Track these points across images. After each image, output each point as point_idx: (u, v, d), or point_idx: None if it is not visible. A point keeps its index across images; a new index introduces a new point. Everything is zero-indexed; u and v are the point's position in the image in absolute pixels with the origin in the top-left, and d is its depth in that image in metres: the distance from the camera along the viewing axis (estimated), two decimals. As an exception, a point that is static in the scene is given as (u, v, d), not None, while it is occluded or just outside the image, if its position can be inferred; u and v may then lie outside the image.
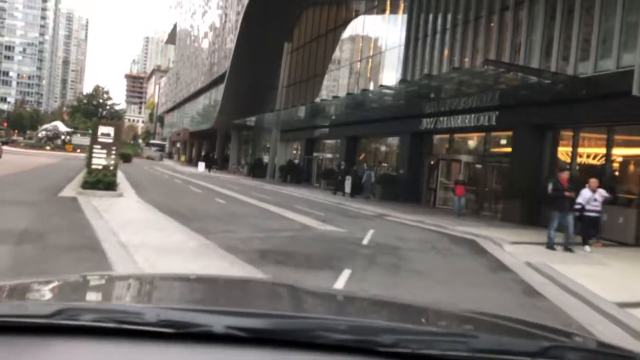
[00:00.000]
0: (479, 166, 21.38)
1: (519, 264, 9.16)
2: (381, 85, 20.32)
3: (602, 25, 15.56)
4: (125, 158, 56.26)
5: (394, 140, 27.88)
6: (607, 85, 14.75)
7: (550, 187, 11.11)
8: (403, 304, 2.01)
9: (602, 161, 15.96)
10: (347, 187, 27.18)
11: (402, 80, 21.18)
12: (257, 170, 43.20)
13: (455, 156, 22.23)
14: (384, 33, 28.69)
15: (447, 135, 23.56)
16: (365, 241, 10.18)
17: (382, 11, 29.59)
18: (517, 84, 16.80)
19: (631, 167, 15.79)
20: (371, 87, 26.91)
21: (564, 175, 11.27)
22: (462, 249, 10.75)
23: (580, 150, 16.91)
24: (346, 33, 33.86)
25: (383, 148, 29.66)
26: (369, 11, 31.00)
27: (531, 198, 16.70)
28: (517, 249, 11.01)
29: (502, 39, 19.55)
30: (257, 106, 42.21)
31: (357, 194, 25.17)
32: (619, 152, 15.72)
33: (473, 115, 20.45)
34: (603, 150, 15.90)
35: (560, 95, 16.14)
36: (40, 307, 1.20)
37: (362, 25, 31.43)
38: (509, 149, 19.38)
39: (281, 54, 42.80)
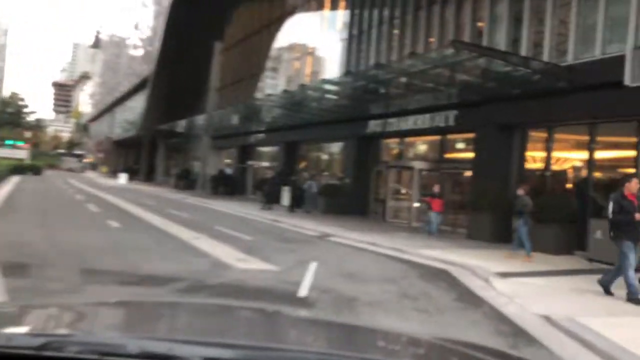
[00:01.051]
0: (434, 174, 18.60)
1: (533, 320, 6.11)
2: (323, 80, 17.24)
3: (582, 5, 13.14)
4: (34, 170, 50.49)
5: (338, 146, 24.81)
6: (592, 75, 12.28)
7: (610, 206, 7.37)
8: (383, 332, 2.00)
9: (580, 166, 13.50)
10: (286, 200, 23.87)
11: (348, 73, 18.15)
12: (185, 181, 38.97)
13: (407, 163, 19.38)
14: (324, 26, 25.65)
15: (397, 140, 20.71)
16: (303, 290, 6.82)
17: (321, 3, 26.59)
18: (479, 74, 14.06)
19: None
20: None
21: (634, 186, 7.52)
22: (440, 291, 7.62)
23: (556, 153, 14.40)
24: (282, 28, 30.60)
25: (326, 155, 26.53)
26: (306, 4, 27.93)
27: (500, 211, 13.97)
28: (514, 287, 8.03)
29: (460, 25, 16.93)
30: (187, 112, 38.05)
31: (297, 207, 21.85)
32: (604, 155, 13.29)
33: (428, 116, 17.67)
34: (584, 154, 13.42)
35: (533, 88, 13.55)
36: (28, 339, 1.26)
37: (300, 19, 28.30)
38: (470, 154, 16.71)
39: (212, 54, 39.08)
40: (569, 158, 14.35)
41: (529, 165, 15.22)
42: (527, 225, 11.38)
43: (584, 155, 13.40)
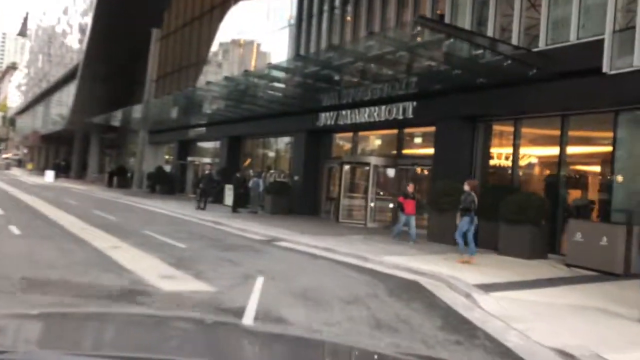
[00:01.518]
0: (390, 170, 17.24)
1: None
2: (269, 65, 15.46)
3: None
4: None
5: (286, 141, 23.09)
6: (566, 62, 11.21)
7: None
8: (331, 344, 1.98)
9: (554, 163, 12.47)
10: (229, 199, 21.92)
11: (298, 57, 16.46)
12: (120, 179, 36.05)
13: (362, 159, 17.92)
14: (271, 11, 23.81)
15: (350, 134, 19.23)
16: (247, 315, 5.13)
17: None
18: (442, 59, 12.74)
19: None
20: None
21: None
22: (420, 315, 6.09)
23: (524, 149, 13.32)
24: (226, 14, 28.47)
25: (273, 151, 24.73)
26: (251, -12, 26.01)
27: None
28: (503, 305, 6.64)
29: (419, 8, 15.61)
30: (123, 104, 35.15)
31: (241, 207, 19.97)
32: (577, 150, 12.29)
33: (384, 107, 16.27)
34: (555, 150, 12.37)
35: (500, 77, 12.38)
36: None
37: (245, 4, 26.32)
38: (430, 150, 15.46)
39: (149, 42, 36.34)
40: (539, 154, 13.32)
41: (495, 161, 14.11)
42: (473, 224, 10.17)
43: (555, 150, 12.35)
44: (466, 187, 10.59)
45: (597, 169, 12.29)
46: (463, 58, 12.47)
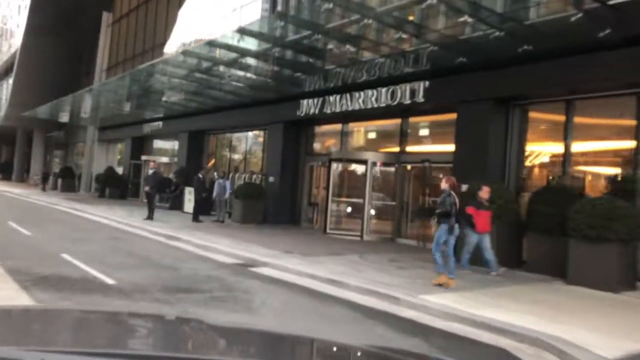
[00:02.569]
0: (390, 170, 13.95)
1: None
2: (240, 30, 11.85)
3: None
4: None
5: (259, 136, 19.49)
6: None
7: None
8: (325, 342, 1.94)
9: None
10: (189, 205, 18.25)
11: (278, 14, 12.94)
12: (65, 181, 31.60)
13: (357, 155, 14.52)
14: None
15: (339, 125, 15.82)
16: None
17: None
18: (473, 15, 9.54)
19: None
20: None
21: None
22: None
23: (580, 140, 10.21)
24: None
25: (243, 147, 21.03)
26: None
27: (511, 222, 9.52)
28: None
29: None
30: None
31: (204, 214, 16.32)
32: None
33: (385, 90, 12.97)
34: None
35: (556, 41, 9.25)
36: None
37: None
38: (444, 144, 12.25)
39: (99, 26, 32.15)
40: (602, 147, 10.23)
41: (535, 156, 11.00)
42: (453, 234, 7.57)
43: (628, 142, 9.29)
44: (444, 185, 7.96)
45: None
46: (505, 16, 9.29)
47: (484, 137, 10.89)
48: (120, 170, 28.74)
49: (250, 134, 19.82)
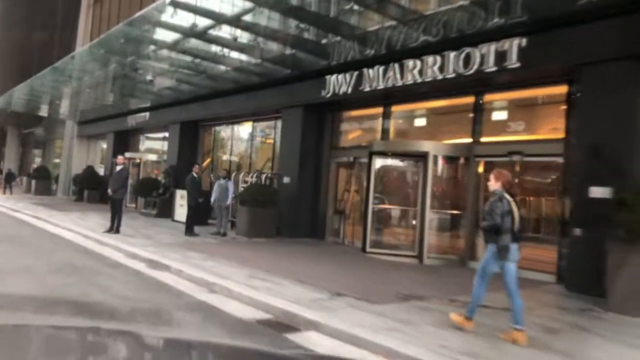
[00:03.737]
0: (457, 166, 10.26)
1: None
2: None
3: None
4: None
5: (270, 125, 15.69)
6: None
7: None
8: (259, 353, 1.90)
9: None
10: (181, 213, 14.57)
11: None
12: (40, 183, 27.67)
13: (409, 146, 10.72)
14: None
15: (378, 109, 12.06)
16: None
17: None
18: None
19: None
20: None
21: None
22: None
23: None
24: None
25: (249, 140, 17.17)
26: None
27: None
28: None
29: None
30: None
31: (200, 224, 12.59)
32: None
33: (454, 55, 9.32)
34: None
35: None
36: None
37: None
38: (547, 129, 8.62)
39: (78, 8, 28.33)
40: None
41: None
42: (509, 258, 4.96)
43: None
44: (494, 185, 5.16)
45: None
46: None
47: (627, 116, 7.25)
48: (102, 170, 24.91)
49: (258, 124, 16.02)
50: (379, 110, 11.88)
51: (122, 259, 8.75)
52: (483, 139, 9.76)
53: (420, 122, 11.68)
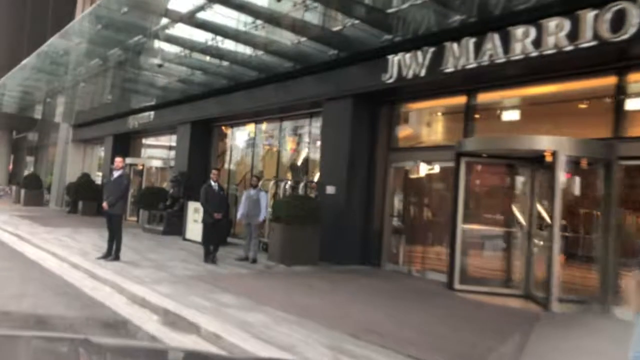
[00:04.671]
0: (588, 171, 7.49)
1: None
2: None
3: None
4: None
5: (303, 124, 12.86)
6: None
7: None
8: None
9: None
10: (193, 230, 11.88)
11: None
12: (30, 193, 24.84)
13: (522, 144, 7.80)
14: None
15: (461, 98, 9.25)
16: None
17: None
18: None
19: None
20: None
21: None
22: None
23: None
24: None
25: (277, 141, 14.20)
26: None
27: None
28: None
29: None
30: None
31: (216, 244, 9.77)
32: None
33: (593, 15, 6.59)
34: None
35: None
36: None
37: None
38: None
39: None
40: None
41: None
42: None
43: None
44: None
45: None
46: None
47: None
48: (100, 178, 22.12)
49: (288, 122, 13.24)
50: (460, 99, 9.11)
51: (124, 308, 5.95)
52: (631, 133, 7.00)
53: (526, 113, 8.86)
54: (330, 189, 10.30)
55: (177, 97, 15.76)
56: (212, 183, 9.83)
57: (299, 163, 12.30)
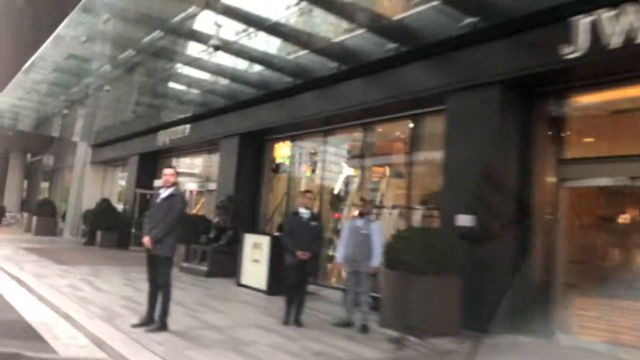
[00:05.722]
0: None
1: None
2: None
3: None
4: None
5: (402, 128, 9.54)
6: None
7: None
8: None
9: None
10: (252, 271, 8.70)
11: None
12: (43, 220, 21.89)
13: None
14: None
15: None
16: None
17: None
18: None
19: None
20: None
21: None
22: None
23: None
24: None
25: (357, 156, 10.74)
26: None
27: None
28: None
29: None
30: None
31: (291, 290, 6.53)
32: None
33: None
34: None
35: None
36: None
37: None
38: None
39: None
40: None
41: None
42: None
43: None
44: None
45: None
46: None
47: None
48: (121, 206, 19.11)
49: (381, 125, 10.01)
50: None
51: None
52: None
53: None
54: (464, 219, 7.04)
55: (222, 105, 12.78)
56: (302, 211, 6.65)
57: (406, 183, 9.00)
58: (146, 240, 5.67)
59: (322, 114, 10.21)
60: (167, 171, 5.94)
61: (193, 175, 16.55)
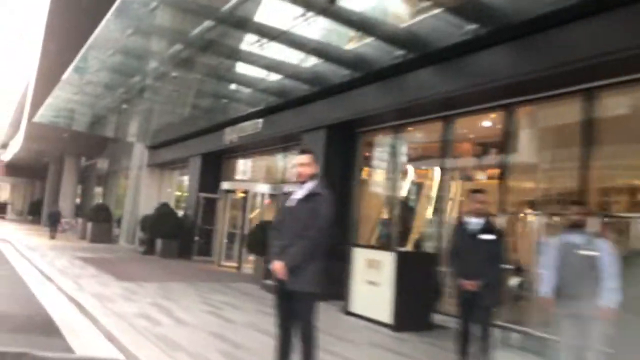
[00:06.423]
0: None
1: None
2: None
3: None
4: None
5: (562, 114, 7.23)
6: None
7: None
8: None
9: None
10: (363, 299, 6.54)
11: None
12: (98, 227, 20.59)
13: None
14: None
15: None
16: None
17: None
18: None
19: None
20: None
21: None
22: None
23: None
24: None
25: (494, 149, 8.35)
26: None
27: None
28: None
29: None
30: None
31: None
32: None
33: None
34: None
35: None
36: None
37: None
38: None
39: None
40: None
41: None
42: None
43: None
44: None
45: None
46: None
47: None
48: (181, 211, 17.47)
49: (526, 108, 7.77)
50: None
51: None
52: None
53: None
54: None
55: (304, 93, 10.80)
56: (472, 221, 4.52)
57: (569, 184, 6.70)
58: (278, 267, 3.67)
59: (442, 96, 8.04)
60: (301, 158, 3.92)
61: (265, 177, 14.68)
